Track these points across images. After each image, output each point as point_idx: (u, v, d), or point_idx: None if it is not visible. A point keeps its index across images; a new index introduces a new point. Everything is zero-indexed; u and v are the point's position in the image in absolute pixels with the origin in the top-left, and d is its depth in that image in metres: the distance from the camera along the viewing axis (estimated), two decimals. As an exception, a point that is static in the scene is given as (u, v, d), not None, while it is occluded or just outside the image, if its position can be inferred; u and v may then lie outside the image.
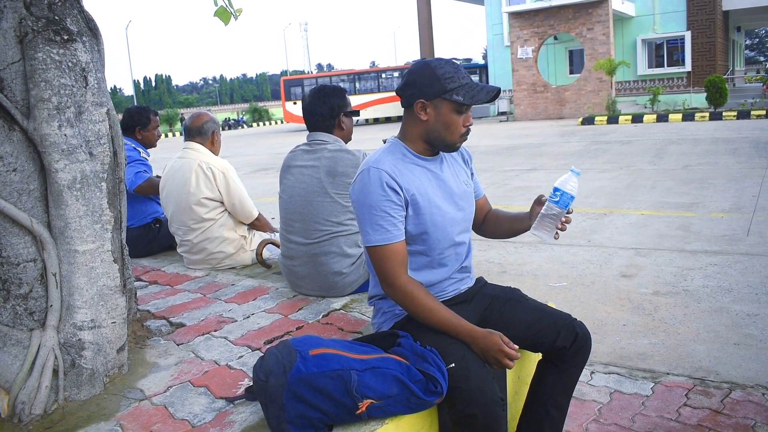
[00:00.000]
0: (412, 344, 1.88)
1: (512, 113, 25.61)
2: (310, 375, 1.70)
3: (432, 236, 2.01)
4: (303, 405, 1.69)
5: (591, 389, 2.88)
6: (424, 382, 1.76)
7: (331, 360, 1.74)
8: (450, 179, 2.09)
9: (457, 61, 9.45)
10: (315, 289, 2.88)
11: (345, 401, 1.70)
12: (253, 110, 47.30)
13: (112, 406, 1.99)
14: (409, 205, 1.97)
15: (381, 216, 1.91)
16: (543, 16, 23.88)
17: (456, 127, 1.97)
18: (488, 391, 1.77)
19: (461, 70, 1.96)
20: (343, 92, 2.97)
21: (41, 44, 1.93)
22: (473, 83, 1.95)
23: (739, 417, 2.54)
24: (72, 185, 1.99)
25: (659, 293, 4.16)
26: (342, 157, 2.80)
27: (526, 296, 2.22)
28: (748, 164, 9.26)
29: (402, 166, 1.99)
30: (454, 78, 1.92)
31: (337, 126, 2.90)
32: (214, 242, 3.46)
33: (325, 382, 1.70)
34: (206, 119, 3.60)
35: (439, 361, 1.80)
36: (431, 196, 2.01)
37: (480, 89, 1.95)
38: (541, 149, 13.72)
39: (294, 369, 1.71)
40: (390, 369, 1.76)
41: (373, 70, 34.52)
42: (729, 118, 17.61)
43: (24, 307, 2.01)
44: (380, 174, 1.92)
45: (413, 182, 1.98)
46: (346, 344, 1.88)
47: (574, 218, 2.58)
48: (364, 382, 1.71)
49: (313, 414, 1.70)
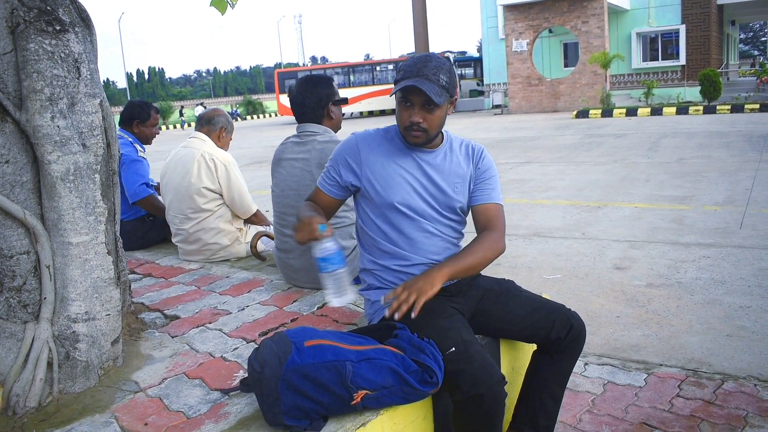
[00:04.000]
0: (409, 336, 1.89)
1: (507, 106, 25.60)
2: (306, 366, 1.70)
3: (396, 219, 2.10)
4: (298, 396, 1.70)
5: (584, 380, 2.89)
6: (420, 373, 1.77)
7: (326, 351, 1.74)
8: (435, 168, 2.11)
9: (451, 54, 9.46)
10: (310, 281, 2.88)
11: (340, 392, 1.71)
12: (247, 103, 47.11)
13: (106, 399, 1.98)
14: (365, 177, 2.11)
15: (328, 166, 2.20)
16: (538, 9, 23.84)
17: (400, 120, 2.07)
18: (491, 371, 1.80)
19: (418, 64, 1.97)
20: (329, 81, 2.94)
21: (33, 35, 1.92)
22: (407, 78, 1.96)
23: (732, 408, 2.56)
24: (65, 177, 1.98)
25: (653, 285, 4.18)
26: (331, 148, 2.77)
27: (520, 288, 2.22)
28: (742, 158, 9.29)
29: (384, 143, 2.13)
30: (403, 70, 2.00)
31: (326, 115, 2.88)
32: (210, 233, 3.45)
33: (321, 373, 1.70)
34: (220, 113, 3.66)
35: (436, 352, 1.81)
36: (398, 176, 2.08)
37: (402, 82, 1.97)
38: (535, 142, 13.73)
39: (289, 360, 1.71)
40: (385, 360, 1.76)
41: (367, 63, 34.43)
42: (723, 111, 17.66)
43: (18, 300, 2.00)
44: (352, 139, 2.17)
45: (379, 160, 2.10)
46: (341, 335, 1.89)
47: (568, 211, 2.58)
48: (359, 373, 1.72)
49: (308, 405, 1.71)
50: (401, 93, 2.00)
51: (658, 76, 24.85)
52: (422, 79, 1.95)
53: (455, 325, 1.94)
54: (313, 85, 2.86)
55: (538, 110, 24.51)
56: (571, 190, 7.89)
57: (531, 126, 18.30)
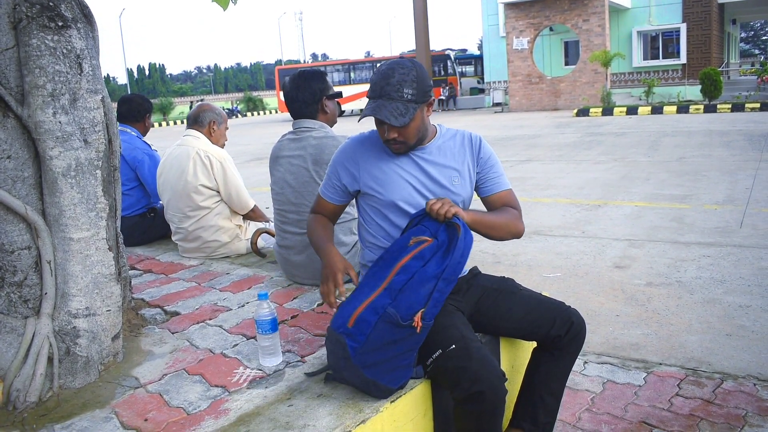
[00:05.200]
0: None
1: (507, 104, 25.57)
2: (365, 344, 1.76)
3: (397, 217, 2.12)
4: (382, 365, 1.77)
5: (584, 379, 2.89)
6: (449, 239, 1.86)
7: (367, 316, 1.78)
8: (432, 164, 2.13)
9: (451, 52, 9.45)
10: (310, 277, 2.88)
11: (403, 334, 1.77)
12: (248, 99, 47.03)
13: (107, 394, 1.99)
14: (365, 182, 2.14)
15: (329, 173, 2.26)
16: (539, 7, 23.81)
17: (379, 133, 2.11)
18: (492, 368, 1.80)
19: (381, 82, 1.98)
20: (323, 75, 2.93)
21: (35, 30, 1.92)
22: (370, 102, 2.00)
23: (731, 407, 2.57)
24: (67, 173, 1.98)
25: (652, 284, 4.18)
26: (326, 144, 2.78)
27: (520, 286, 2.23)
28: (742, 157, 9.29)
29: (377, 146, 2.16)
30: (370, 87, 2.02)
31: (321, 110, 2.88)
32: (209, 231, 3.45)
33: (379, 337, 1.76)
34: (205, 109, 3.62)
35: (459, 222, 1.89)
36: (398, 177, 2.11)
37: (365, 110, 2.00)
38: (535, 140, 13.73)
39: (350, 351, 1.76)
40: (414, 276, 1.81)
41: (368, 60, 34.38)
42: (723, 110, 17.64)
43: (18, 295, 2.01)
44: (348, 145, 2.22)
45: (376, 163, 2.13)
46: (365, 286, 1.88)
47: (569, 209, 2.59)
48: (402, 307, 1.77)
49: (396, 362, 1.79)
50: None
51: (658, 74, 24.84)
52: (384, 101, 1.97)
53: (455, 323, 1.94)
54: (307, 80, 2.85)
55: (539, 108, 24.48)
56: (571, 188, 7.89)
57: (531, 124, 18.29)
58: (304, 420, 1.74)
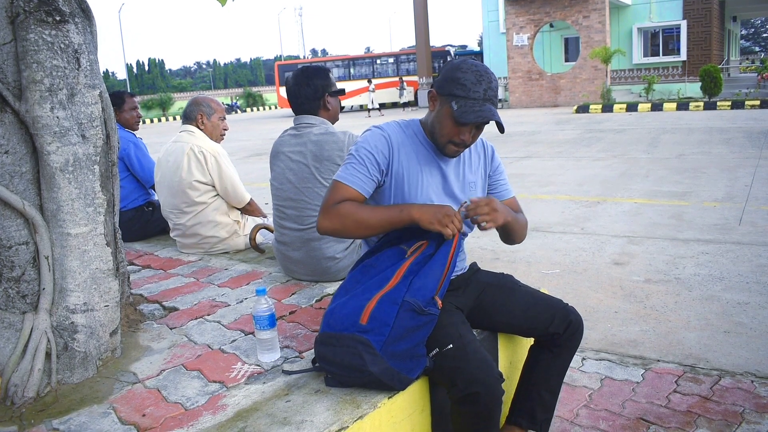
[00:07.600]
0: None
1: (507, 101, 25.56)
2: (390, 335, 1.76)
3: None
4: (404, 354, 1.78)
5: (582, 375, 2.90)
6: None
7: (385, 308, 1.77)
8: (452, 173, 2.08)
9: (452, 48, 9.41)
10: (308, 273, 2.88)
11: (425, 320, 1.79)
12: (247, 95, 47.05)
13: (105, 389, 1.99)
14: (391, 176, 2.00)
15: (356, 160, 1.96)
16: (539, 4, 23.78)
17: (446, 132, 1.94)
18: (488, 368, 1.80)
19: (483, 84, 1.87)
20: (326, 72, 2.92)
21: (33, 25, 1.91)
22: (476, 103, 1.86)
23: (728, 404, 2.57)
24: (64, 168, 1.98)
25: (651, 281, 4.18)
26: (327, 140, 2.77)
27: (519, 282, 2.23)
28: (742, 154, 9.29)
29: (407, 141, 2.03)
30: (466, 88, 1.87)
31: (323, 107, 2.87)
32: (207, 226, 3.45)
33: (403, 324, 1.77)
34: (192, 103, 3.65)
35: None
36: (422, 179, 2.02)
37: (475, 111, 1.86)
38: (535, 137, 13.73)
39: (374, 344, 1.75)
40: (425, 267, 1.82)
41: (368, 56, 34.34)
42: (723, 107, 17.65)
43: (16, 290, 2.00)
44: (382, 134, 2.01)
45: (406, 160, 2.00)
46: (374, 280, 1.87)
47: (568, 206, 2.59)
48: (421, 292, 1.78)
49: (418, 350, 1.81)
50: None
51: (658, 71, 24.80)
52: (490, 105, 1.89)
53: (453, 322, 1.93)
54: (309, 77, 2.84)
55: (539, 105, 24.47)
56: (570, 185, 7.89)
57: (531, 120, 18.28)
58: (302, 416, 1.74)
